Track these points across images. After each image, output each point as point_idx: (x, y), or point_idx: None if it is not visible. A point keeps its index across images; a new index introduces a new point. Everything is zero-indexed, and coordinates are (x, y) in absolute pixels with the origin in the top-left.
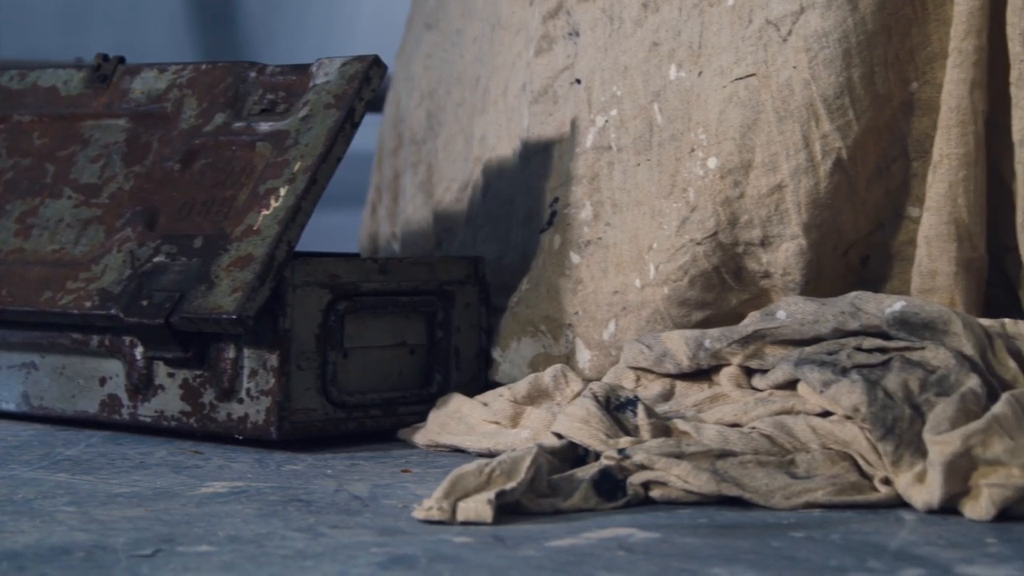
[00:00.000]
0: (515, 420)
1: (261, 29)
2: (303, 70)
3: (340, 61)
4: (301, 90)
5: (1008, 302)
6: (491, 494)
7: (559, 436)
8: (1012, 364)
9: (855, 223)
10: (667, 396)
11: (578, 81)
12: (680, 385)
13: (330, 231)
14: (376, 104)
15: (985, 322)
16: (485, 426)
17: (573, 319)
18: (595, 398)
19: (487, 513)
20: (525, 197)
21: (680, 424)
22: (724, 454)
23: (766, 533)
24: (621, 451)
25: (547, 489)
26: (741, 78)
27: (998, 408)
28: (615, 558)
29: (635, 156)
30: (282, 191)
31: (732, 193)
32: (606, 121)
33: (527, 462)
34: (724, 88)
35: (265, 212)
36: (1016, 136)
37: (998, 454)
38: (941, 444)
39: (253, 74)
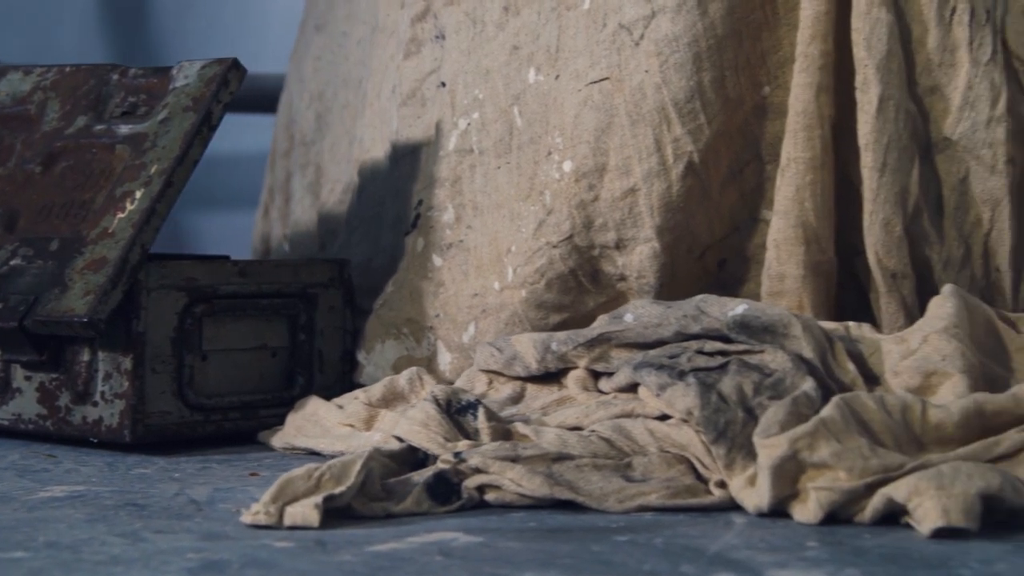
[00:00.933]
0: (369, 423)
1: (173, 29)
2: (164, 73)
3: (200, 64)
4: (162, 93)
5: (859, 305)
6: (319, 498)
7: (400, 439)
8: (851, 367)
9: (710, 226)
10: (517, 399)
11: (443, 84)
12: (531, 388)
13: (242, 232)
14: (270, 105)
15: (829, 325)
16: (339, 429)
17: (434, 322)
18: (436, 401)
19: (314, 517)
20: (394, 200)
21: (521, 427)
22: (561, 457)
23: (590, 537)
24: (457, 454)
25: (381, 493)
26: (595, 82)
27: (826, 411)
28: (431, 563)
29: (496, 159)
30: (138, 194)
31: (587, 196)
32: (468, 124)
33: (357, 466)
34: (579, 92)
35: (120, 215)
36: (862, 140)
37: (824, 457)
38: (769, 447)
39: (116, 76)
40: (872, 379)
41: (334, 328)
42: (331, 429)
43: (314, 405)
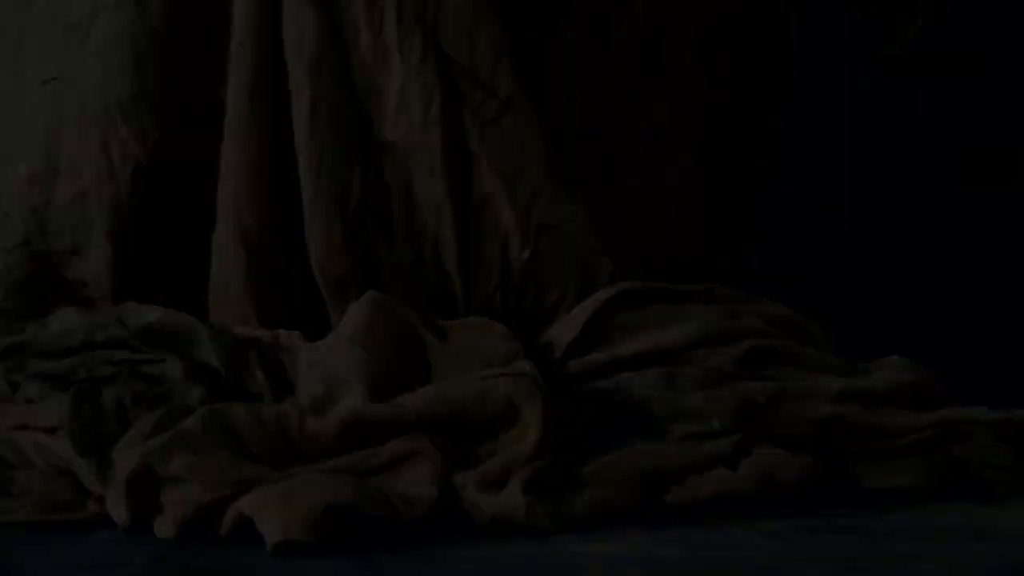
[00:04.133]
0: None
1: None
2: None
3: None
4: None
5: (321, 311)
6: None
7: None
8: (260, 376)
9: None
10: None
11: None
12: None
13: None
14: None
15: (257, 333)
16: None
17: None
18: None
19: None
20: None
21: None
22: None
23: None
24: None
25: None
26: (47, 82)
27: (187, 423)
28: None
29: None
30: None
31: (39, 201)
32: None
33: None
34: (35, 92)
35: None
36: (298, 143)
37: (179, 470)
38: (123, 460)
39: None
40: (289, 387)
41: None
42: None
43: None
